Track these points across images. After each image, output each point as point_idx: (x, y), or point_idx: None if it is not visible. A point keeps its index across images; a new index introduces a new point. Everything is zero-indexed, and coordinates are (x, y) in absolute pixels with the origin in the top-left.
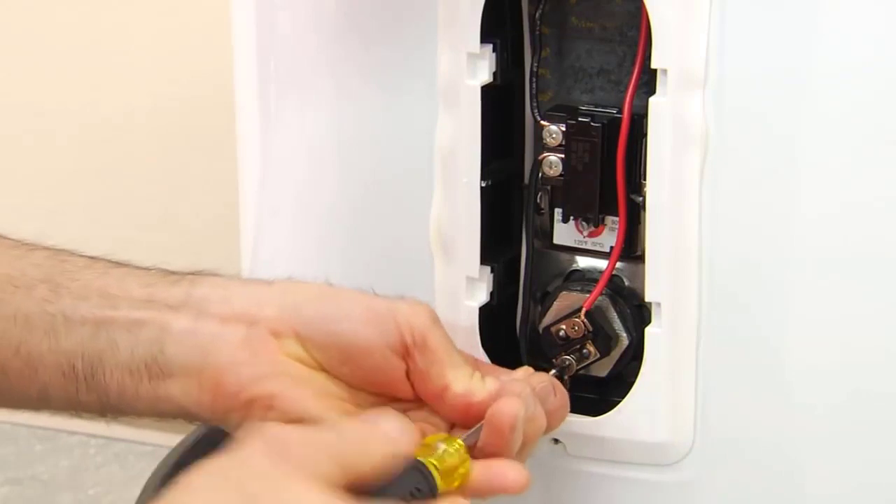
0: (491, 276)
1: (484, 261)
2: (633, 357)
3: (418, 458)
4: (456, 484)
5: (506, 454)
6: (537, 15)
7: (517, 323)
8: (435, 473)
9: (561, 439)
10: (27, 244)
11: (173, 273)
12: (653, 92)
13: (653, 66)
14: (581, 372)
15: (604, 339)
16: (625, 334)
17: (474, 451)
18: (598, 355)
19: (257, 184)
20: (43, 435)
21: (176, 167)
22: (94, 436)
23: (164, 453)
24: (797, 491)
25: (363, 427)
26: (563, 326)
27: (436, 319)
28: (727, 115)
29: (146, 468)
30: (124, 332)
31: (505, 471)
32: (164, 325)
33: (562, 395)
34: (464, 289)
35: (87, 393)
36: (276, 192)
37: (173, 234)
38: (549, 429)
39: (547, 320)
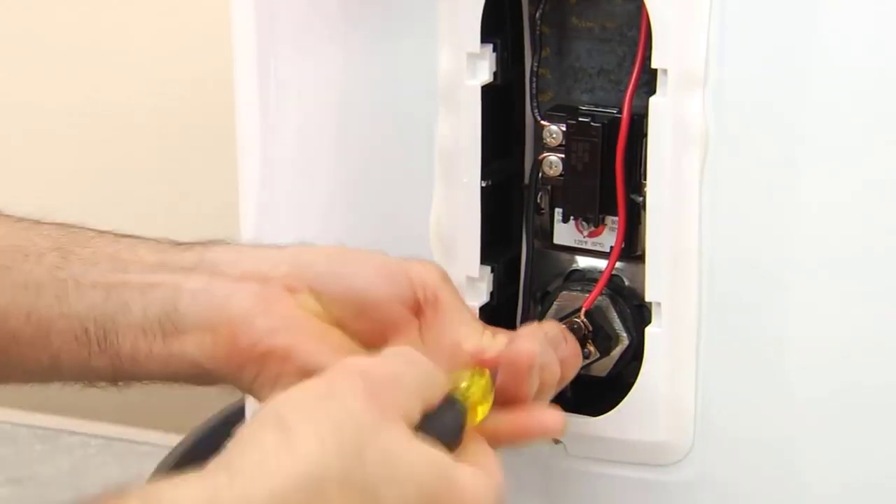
0: (491, 276)
1: (484, 261)
2: (633, 357)
3: (450, 392)
4: (484, 409)
5: (524, 398)
6: (537, 15)
7: (517, 323)
8: (464, 405)
9: (561, 439)
10: (33, 219)
11: (183, 243)
12: (653, 92)
13: (653, 66)
14: (581, 372)
15: (604, 339)
16: (625, 334)
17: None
18: (598, 355)
19: (257, 184)
20: (43, 435)
21: (176, 167)
22: (94, 436)
23: (164, 453)
24: (797, 491)
25: (429, 363)
26: (563, 326)
27: (447, 278)
28: (727, 115)
29: (146, 468)
30: (137, 294)
31: (542, 414)
32: (177, 285)
33: (572, 344)
34: (464, 289)
35: (100, 357)
36: (276, 192)
37: (173, 233)
38: (562, 379)
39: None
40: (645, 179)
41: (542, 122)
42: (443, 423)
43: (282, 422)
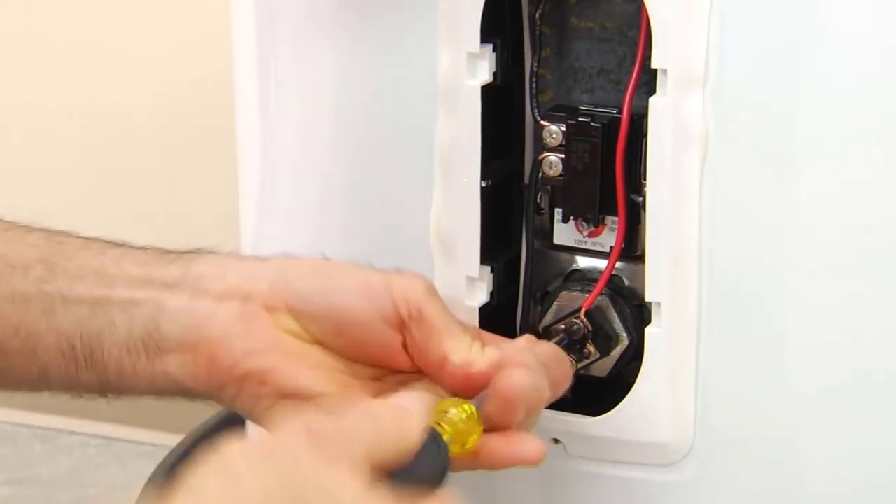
0: (491, 276)
1: (484, 261)
2: (633, 357)
3: (431, 426)
4: (468, 446)
5: (510, 425)
6: (537, 15)
7: (517, 323)
8: (447, 438)
9: (561, 439)
10: (23, 226)
11: (170, 252)
12: (653, 92)
13: (653, 66)
14: (581, 372)
15: (604, 339)
16: (625, 334)
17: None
18: (598, 355)
19: (257, 184)
20: (43, 435)
21: (176, 167)
22: (94, 436)
23: (164, 453)
24: (798, 491)
25: (391, 411)
26: (563, 326)
27: (432, 290)
28: (727, 115)
29: (146, 468)
30: (121, 312)
31: (524, 444)
32: (159, 302)
33: (565, 364)
34: (464, 289)
35: (87, 372)
36: (276, 192)
37: (173, 234)
38: (551, 397)
39: (547, 320)
40: (645, 179)
41: (542, 122)
42: (422, 467)
43: (229, 470)
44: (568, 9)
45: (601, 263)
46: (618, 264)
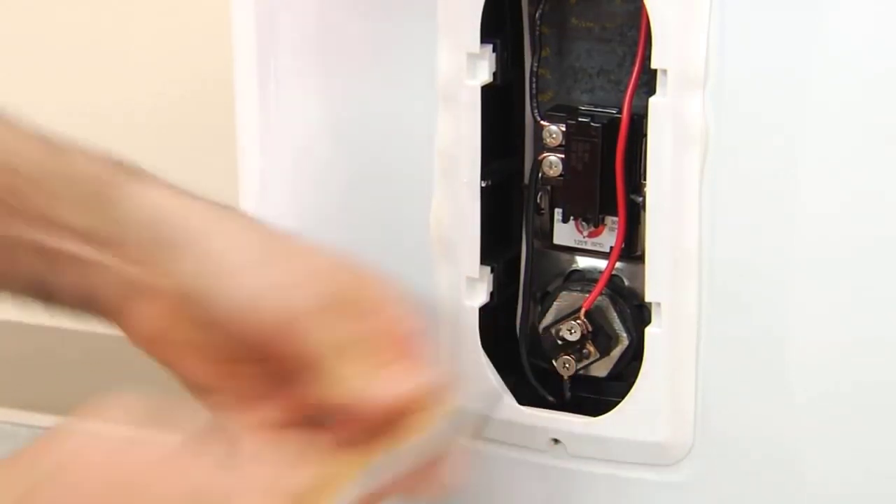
0: (491, 276)
1: (484, 261)
2: (633, 357)
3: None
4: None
5: None
6: (537, 15)
7: (517, 323)
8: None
9: (561, 439)
10: None
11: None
12: (653, 92)
13: (653, 66)
14: (581, 372)
15: (604, 339)
16: (625, 334)
17: None
18: (598, 355)
19: (257, 184)
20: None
21: (176, 167)
22: None
23: None
24: (797, 491)
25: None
26: (563, 326)
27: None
28: (727, 115)
29: None
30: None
31: None
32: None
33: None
34: (464, 289)
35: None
36: (276, 193)
37: None
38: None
39: (547, 320)
40: (645, 179)
41: (542, 122)
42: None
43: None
44: (568, 9)
45: (601, 263)
46: (618, 264)
